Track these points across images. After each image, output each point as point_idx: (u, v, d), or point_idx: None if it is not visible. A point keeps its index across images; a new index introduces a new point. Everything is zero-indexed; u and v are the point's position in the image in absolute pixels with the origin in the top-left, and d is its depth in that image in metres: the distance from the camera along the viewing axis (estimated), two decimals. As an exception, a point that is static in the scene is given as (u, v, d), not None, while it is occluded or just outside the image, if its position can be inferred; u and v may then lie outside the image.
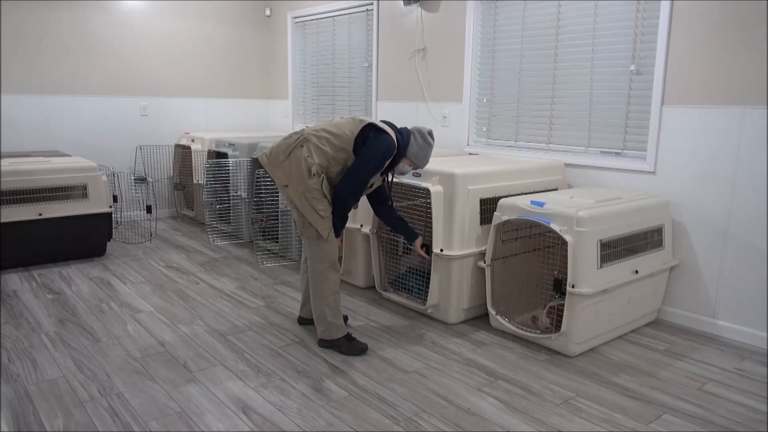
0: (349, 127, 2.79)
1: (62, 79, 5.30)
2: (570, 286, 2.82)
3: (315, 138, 2.77)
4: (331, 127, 2.81)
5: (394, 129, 2.87)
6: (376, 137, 2.75)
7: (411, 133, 2.88)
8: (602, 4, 3.59)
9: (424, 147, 2.88)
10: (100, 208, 4.37)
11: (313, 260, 2.85)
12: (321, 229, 2.76)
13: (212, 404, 2.41)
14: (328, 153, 2.75)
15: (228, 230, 5.24)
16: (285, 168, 2.77)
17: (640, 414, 2.41)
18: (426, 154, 2.90)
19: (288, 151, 2.77)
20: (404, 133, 2.87)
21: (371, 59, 5.25)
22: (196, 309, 3.48)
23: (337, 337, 2.92)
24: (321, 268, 2.85)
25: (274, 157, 2.81)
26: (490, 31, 4.27)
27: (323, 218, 2.76)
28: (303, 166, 2.73)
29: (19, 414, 2.31)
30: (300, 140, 2.78)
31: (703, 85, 3.17)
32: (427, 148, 2.89)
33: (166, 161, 6.04)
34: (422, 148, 2.87)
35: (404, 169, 2.93)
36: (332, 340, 2.93)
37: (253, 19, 6.42)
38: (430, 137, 2.89)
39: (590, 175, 3.73)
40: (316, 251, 2.83)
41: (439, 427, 2.27)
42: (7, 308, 3.43)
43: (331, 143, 2.76)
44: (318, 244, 2.81)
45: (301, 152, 2.75)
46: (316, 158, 2.74)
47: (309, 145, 2.76)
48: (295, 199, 2.74)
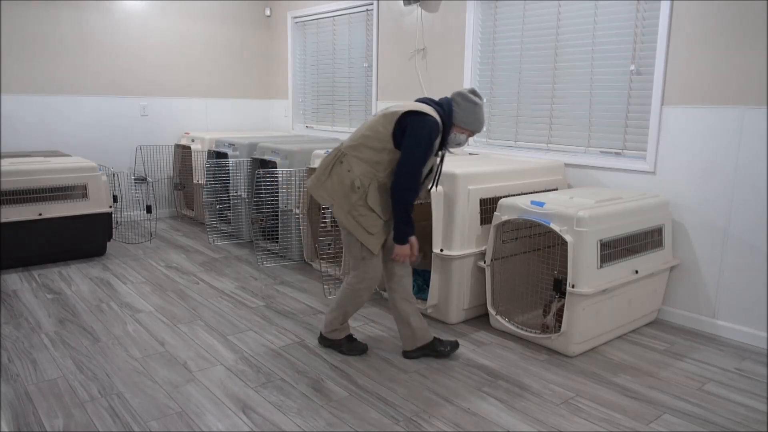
0: (381, 123, 2.60)
1: (62, 79, 5.30)
2: (570, 286, 2.82)
3: (351, 149, 2.63)
4: (365, 129, 2.64)
5: (432, 104, 2.65)
6: (414, 122, 2.54)
7: (452, 101, 2.64)
8: (602, 4, 3.59)
9: (471, 108, 2.62)
10: (100, 208, 4.37)
11: (354, 277, 2.75)
12: (371, 245, 2.64)
13: (212, 404, 2.41)
14: (369, 159, 2.59)
15: (228, 230, 5.24)
16: (328, 187, 2.66)
17: (640, 414, 2.41)
18: (476, 115, 2.63)
19: (328, 169, 2.66)
20: (444, 103, 2.65)
21: (371, 59, 5.25)
22: (196, 309, 3.48)
23: (339, 338, 2.91)
24: (358, 287, 2.75)
25: (315, 179, 2.70)
26: (490, 31, 4.27)
27: (372, 234, 2.64)
28: (346, 182, 2.61)
29: (19, 414, 2.31)
30: (338, 156, 2.66)
31: (703, 85, 3.17)
32: (474, 108, 2.62)
33: (166, 161, 6.04)
34: (469, 110, 2.62)
35: (459, 139, 2.69)
36: (333, 340, 2.92)
37: (253, 19, 6.42)
38: (474, 96, 2.62)
39: (590, 175, 3.73)
40: (360, 270, 2.73)
41: (439, 427, 2.27)
42: (7, 308, 3.43)
43: (369, 147, 2.59)
44: (363, 263, 2.70)
45: (341, 168, 2.63)
46: (357, 170, 2.60)
47: (348, 159, 2.62)
48: (342, 218, 2.63)
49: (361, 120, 5.52)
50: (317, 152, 4.16)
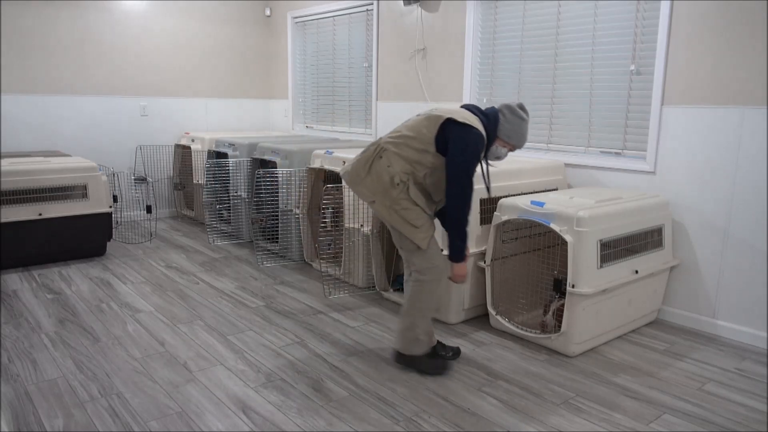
0: (425, 125, 2.55)
1: (62, 79, 5.30)
2: (570, 286, 2.82)
3: (392, 145, 2.57)
4: (407, 130, 2.58)
5: (477, 113, 2.60)
6: (459, 133, 2.48)
7: (499, 112, 2.60)
8: (602, 4, 3.59)
9: (517, 122, 2.58)
10: (100, 208, 4.37)
11: (419, 272, 2.62)
12: (418, 239, 2.55)
13: (212, 404, 2.41)
14: (409, 157, 2.54)
15: (228, 230, 5.24)
16: (368, 183, 2.58)
17: (640, 414, 2.41)
18: (521, 131, 2.59)
19: (368, 165, 2.59)
20: (490, 114, 2.60)
21: (371, 59, 5.25)
22: (196, 309, 3.48)
23: (419, 353, 2.71)
24: (425, 279, 2.61)
25: (355, 174, 2.63)
26: (490, 31, 4.27)
27: (417, 228, 2.55)
28: (385, 178, 2.54)
29: (19, 414, 2.31)
30: (378, 151, 2.59)
31: (703, 85, 3.17)
32: (520, 124, 2.58)
33: (166, 161, 6.04)
34: (515, 124, 2.57)
35: (499, 152, 2.65)
36: (413, 356, 2.71)
37: (253, 19, 6.42)
38: (521, 111, 2.59)
39: (590, 175, 3.73)
40: (423, 261, 2.60)
41: (439, 427, 2.27)
42: (7, 308, 3.43)
43: (411, 146, 2.54)
44: (422, 253, 2.59)
45: (380, 164, 2.56)
46: (396, 166, 2.54)
47: (387, 155, 2.56)
48: (385, 214, 2.56)
49: (361, 120, 5.52)
50: (317, 152, 4.16)
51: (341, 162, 3.92)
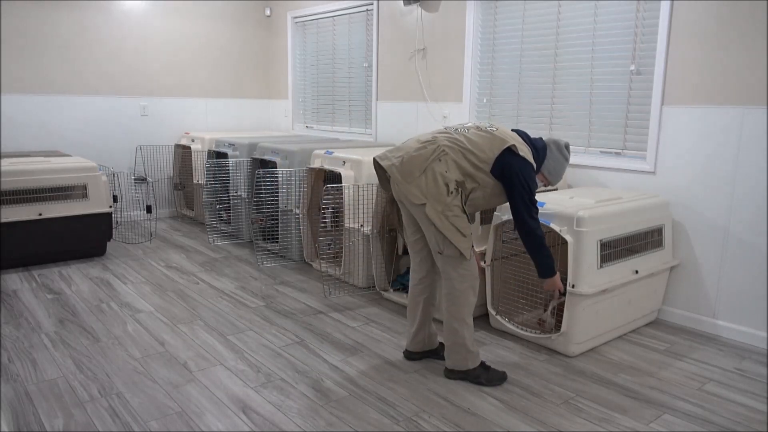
0: (488, 146, 2.50)
1: (62, 79, 5.30)
2: (570, 286, 2.82)
3: (452, 151, 2.49)
4: (469, 142, 2.51)
5: (527, 142, 2.63)
6: (521, 167, 2.49)
7: (547, 147, 2.66)
8: (602, 4, 3.59)
9: (560, 162, 2.67)
10: (100, 208, 4.37)
11: (453, 280, 2.57)
12: (463, 249, 2.49)
13: (212, 404, 2.41)
14: (466, 169, 2.48)
15: (228, 230, 5.24)
16: (421, 185, 2.48)
17: (640, 414, 2.41)
18: (560, 170, 2.68)
19: (424, 165, 2.49)
20: (539, 147, 2.65)
21: (371, 59, 5.25)
22: (196, 309, 3.48)
23: (473, 366, 2.63)
24: (462, 288, 2.57)
25: (407, 172, 2.50)
26: (490, 31, 4.27)
27: (465, 237, 2.50)
28: (441, 182, 2.45)
29: (19, 414, 2.31)
30: (437, 153, 2.50)
31: (703, 85, 3.17)
32: (563, 163, 2.67)
33: (166, 161, 6.04)
34: (558, 162, 2.66)
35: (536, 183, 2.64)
36: (467, 371, 2.63)
37: (253, 19, 6.42)
38: (567, 151, 2.67)
39: (590, 175, 3.73)
40: (459, 270, 2.55)
41: (439, 427, 2.27)
42: (7, 308, 3.43)
43: (469, 160, 2.49)
44: (461, 262, 2.54)
45: (439, 166, 2.47)
46: (452, 174, 2.47)
47: (447, 159, 2.48)
48: (435, 218, 2.46)
49: (361, 120, 5.52)
50: (317, 152, 4.16)
51: (341, 162, 3.92)
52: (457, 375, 2.66)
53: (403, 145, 2.61)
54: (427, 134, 2.61)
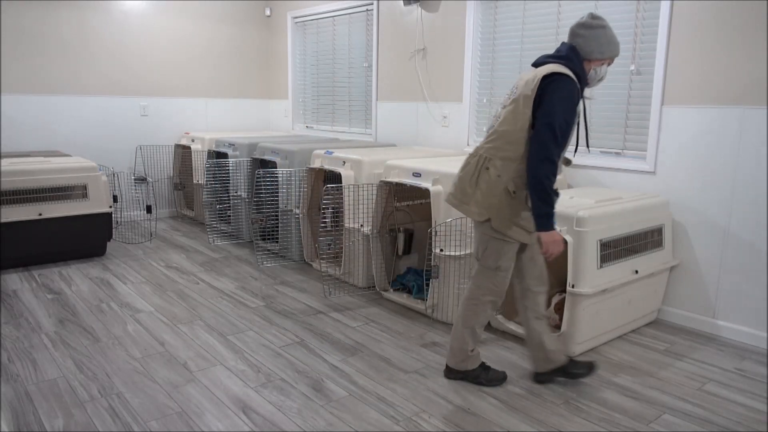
0: (520, 110, 2.29)
1: (62, 79, 5.30)
2: (570, 286, 2.82)
3: (494, 151, 2.35)
4: (500, 126, 2.36)
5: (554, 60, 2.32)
6: (550, 86, 2.22)
7: (572, 40, 2.33)
8: (602, 4, 3.59)
9: (601, 33, 2.29)
10: (100, 208, 4.37)
11: (478, 289, 2.50)
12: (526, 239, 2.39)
13: (212, 404, 2.41)
14: (517, 155, 2.30)
15: (228, 230, 5.24)
16: (479, 200, 2.36)
17: (640, 414, 2.41)
18: (609, 38, 2.30)
19: (473, 179, 2.38)
20: (563, 51, 2.32)
21: (371, 59, 5.25)
22: (196, 309, 3.48)
23: (472, 367, 2.62)
24: (484, 300, 2.50)
25: (460, 193, 2.43)
26: (490, 31, 4.27)
27: (530, 233, 2.38)
28: (499, 189, 2.32)
29: (19, 414, 2.31)
30: (481, 163, 2.37)
31: (703, 85, 3.17)
32: (604, 32, 2.29)
33: (166, 161, 6.04)
34: (600, 36, 2.29)
35: (601, 73, 2.37)
36: (467, 371, 2.62)
37: (253, 19, 6.42)
38: (596, 19, 2.31)
39: (590, 175, 3.73)
40: (486, 282, 2.48)
41: (439, 427, 2.27)
42: (7, 308, 3.43)
43: (513, 141, 2.30)
44: (495, 275, 2.45)
45: (488, 175, 2.34)
46: (506, 174, 2.32)
47: (494, 163, 2.34)
48: (504, 229, 2.35)
49: (361, 120, 5.52)
50: (317, 152, 4.16)
51: (341, 162, 3.92)
52: (456, 375, 2.65)
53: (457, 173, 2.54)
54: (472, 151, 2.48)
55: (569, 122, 2.24)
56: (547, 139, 2.22)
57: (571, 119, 2.24)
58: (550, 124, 2.21)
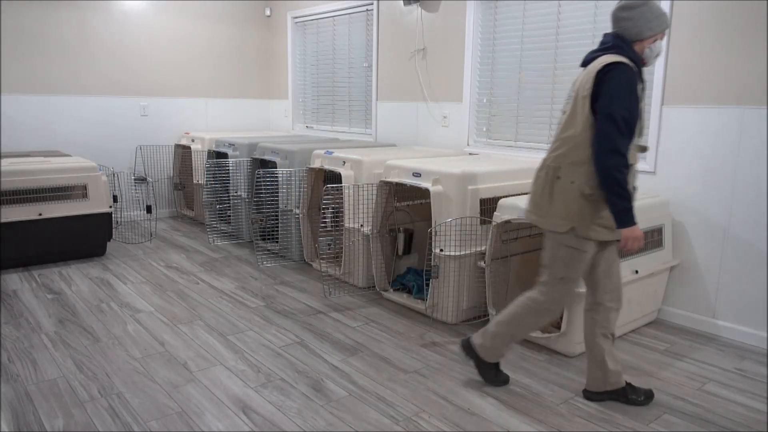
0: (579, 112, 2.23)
1: (62, 79, 5.30)
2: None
3: (561, 158, 2.28)
4: (563, 131, 2.28)
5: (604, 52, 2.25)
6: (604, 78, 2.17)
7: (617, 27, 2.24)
8: (602, 4, 3.59)
9: (645, 10, 2.20)
10: (100, 208, 4.37)
11: (542, 295, 2.41)
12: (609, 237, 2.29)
13: (212, 404, 2.41)
14: (586, 158, 2.22)
15: (228, 230, 5.24)
16: (558, 211, 2.28)
17: (640, 414, 2.41)
18: (655, 13, 2.21)
19: (547, 191, 2.32)
20: (609, 40, 2.26)
21: (371, 59, 5.25)
22: (196, 309, 3.48)
23: (490, 360, 2.59)
24: (544, 308, 2.41)
25: (536, 207, 2.37)
26: (490, 31, 4.27)
27: (614, 230, 2.28)
28: (574, 195, 2.24)
29: (19, 414, 2.31)
30: (551, 173, 2.31)
31: (703, 85, 3.17)
32: (649, 8, 2.20)
33: (166, 161, 6.04)
34: (645, 12, 2.20)
35: (657, 48, 2.26)
36: (484, 361, 2.60)
37: (253, 19, 6.42)
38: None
39: (590, 175, 3.72)
40: (554, 291, 2.38)
41: (439, 427, 2.27)
42: (7, 308, 3.43)
43: (579, 145, 2.22)
44: (561, 285, 2.36)
45: (561, 184, 2.27)
46: (579, 178, 2.23)
47: (563, 171, 2.27)
48: (587, 234, 2.27)
49: (361, 120, 5.52)
50: (317, 152, 4.16)
51: (341, 162, 3.92)
52: (470, 352, 2.62)
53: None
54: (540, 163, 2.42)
55: (631, 110, 2.15)
56: (609, 131, 2.14)
57: (632, 106, 2.15)
58: (610, 115, 2.13)
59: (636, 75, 2.18)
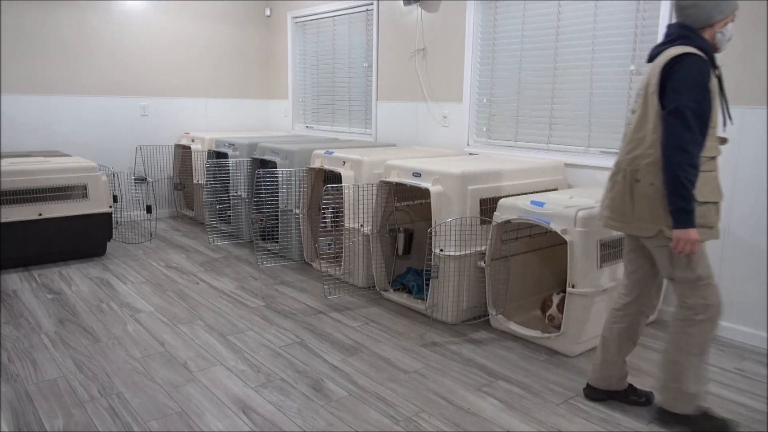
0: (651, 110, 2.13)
1: (62, 79, 5.30)
2: (570, 286, 2.82)
3: (638, 160, 2.17)
4: (635, 134, 2.19)
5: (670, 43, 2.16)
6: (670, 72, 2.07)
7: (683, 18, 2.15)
8: (602, 4, 3.59)
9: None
10: (100, 208, 4.37)
11: (688, 310, 2.19)
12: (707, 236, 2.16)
13: (212, 404, 2.41)
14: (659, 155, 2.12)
15: (228, 230, 5.24)
16: (643, 215, 2.18)
17: (640, 414, 2.41)
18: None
19: (629, 197, 2.21)
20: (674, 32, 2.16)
21: (371, 59, 5.25)
22: (196, 309, 3.48)
23: (688, 412, 2.25)
24: (699, 318, 2.18)
25: (619, 214, 2.25)
26: (490, 31, 4.27)
27: (713, 228, 2.16)
28: (659, 197, 2.13)
29: (19, 414, 2.31)
30: (630, 177, 2.20)
31: (703, 85, 3.17)
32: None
33: (166, 161, 6.04)
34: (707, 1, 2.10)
35: (727, 34, 2.16)
36: (681, 415, 2.26)
37: (253, 19, 6.42)
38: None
39: (590, 175, 3.73)
40: (694, 299, 2.18)
41: (439, 427, 2.27)
42: (7, 308, 3.43)
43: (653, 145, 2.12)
44: (700, 286, 2.17)
45: (641, 187, 2.17)
46: (658, 179, 2.12)
47: (641, 174, 2.17)
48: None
49: (361, 120, 5.52)
50: (317, 152, 4.16)
51: (341, 162, 3.92)
52: (668, 417, 2.29)
53: (603, 194, 2.38)
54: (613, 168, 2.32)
55: (701, 102, 2.03)
56: (675, 126, 2.03)
57: (702, 99, 2.03)
58: (677, 109, 2.03)
59: (707, 65, 2.06)
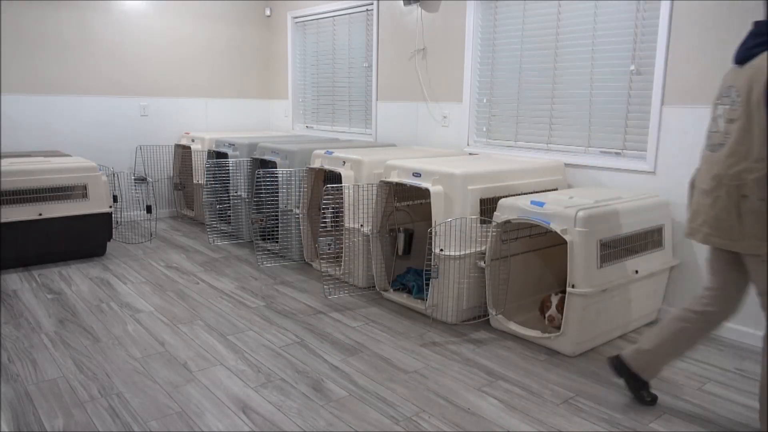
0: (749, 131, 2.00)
1: (62, 79, 5.30)
2: (570, 286, 2.82)
3: (744, 174, 2.02)
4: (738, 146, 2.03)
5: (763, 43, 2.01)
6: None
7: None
8: (602, 4, 3.59)
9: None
10: (100, 208, 4.37)
11: None
12: None
13: (212, 404, 2.41)
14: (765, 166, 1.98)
15: (228, 230, 5.24)
16: (756, 232, 2.02)
17: (640, 414, 2.41)
18: None
19: (735, 214, 2.05)
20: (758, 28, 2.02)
21: (371, 59, 5.25)
22: (196, 309, 3.48)
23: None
24: None
25: (725, 233, 2.09)
26: (490, 31, 4.27)
27: None
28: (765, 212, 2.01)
29: (19, 414, 2.31)
30: (735, 193, 2.04)
31: (703, 85, 3.17)
32: None
33: (166, 161, 6.04)
34: None
35: None
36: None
37: (253, 19, 6.42)
38: None
39: (590, 175, 3.73)
40: None
41: (439, 427, 2.27)
42: (7, 308, 3.43)
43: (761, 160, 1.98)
44: None
45: (749, 203, 2.01)
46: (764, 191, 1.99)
47: (748, 189, 2.01)
48: None
49: (361, 120, 5.52)
50: (317, 152, 4.16)
51: (341, 162, 3.92)
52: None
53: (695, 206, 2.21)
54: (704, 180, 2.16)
55: None
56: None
57: None
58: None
59: None
